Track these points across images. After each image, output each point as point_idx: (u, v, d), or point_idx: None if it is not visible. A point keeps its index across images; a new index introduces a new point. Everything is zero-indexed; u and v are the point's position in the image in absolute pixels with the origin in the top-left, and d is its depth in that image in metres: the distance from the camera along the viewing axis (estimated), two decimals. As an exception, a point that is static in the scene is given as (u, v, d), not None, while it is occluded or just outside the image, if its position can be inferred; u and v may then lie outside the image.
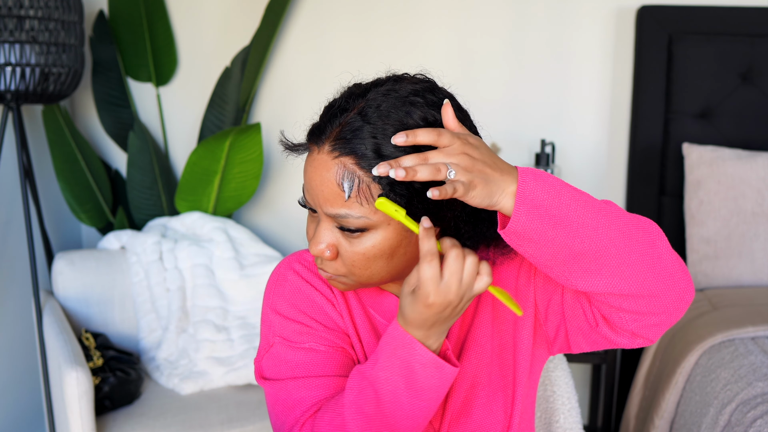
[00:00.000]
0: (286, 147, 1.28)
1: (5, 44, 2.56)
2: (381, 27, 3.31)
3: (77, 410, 2.28)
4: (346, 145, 1.15)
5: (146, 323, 2.87)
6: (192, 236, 3.03)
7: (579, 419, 1.71)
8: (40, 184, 3.12)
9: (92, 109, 3.47)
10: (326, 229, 1.21)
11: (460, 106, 1.26)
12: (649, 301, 1.18)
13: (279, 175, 3.45)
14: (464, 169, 1.09)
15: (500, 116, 3.27)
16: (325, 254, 1.22)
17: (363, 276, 1.23)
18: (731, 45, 3.01)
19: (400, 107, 1.16)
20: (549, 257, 1.15)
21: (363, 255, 1.20)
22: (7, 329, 2.94)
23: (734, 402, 2.12)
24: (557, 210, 1.11)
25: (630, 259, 1.14)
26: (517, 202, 1.10)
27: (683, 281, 1.19)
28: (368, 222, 1.17)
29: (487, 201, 1.11)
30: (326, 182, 1.17)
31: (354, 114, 1.17)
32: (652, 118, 3.09)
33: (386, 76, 1.25)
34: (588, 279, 1.16)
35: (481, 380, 1.34)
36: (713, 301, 2.70)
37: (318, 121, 1.22)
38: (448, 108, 1.16)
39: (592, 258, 1.14)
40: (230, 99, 3.24)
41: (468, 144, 1.12)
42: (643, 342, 1.25)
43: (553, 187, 1.12)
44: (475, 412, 1.34)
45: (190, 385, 2.69)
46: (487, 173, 1.10)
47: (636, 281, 1.15)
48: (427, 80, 1.25)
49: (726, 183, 2.84)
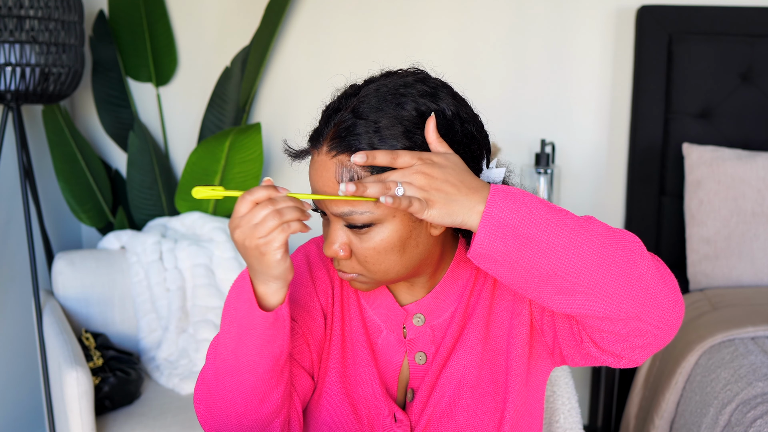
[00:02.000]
0: (290, 155, 1.29)
1: (5, 44, 2.56)
2: (381, 27, 3.31)
3: (77, 410, 2.29)
4: (342, 143, 1.17)
5: (146, 323, 2.87)
6: (192, 236, 3.03)
7: (579, 419, 1.70)
8: (40, 184, 3.12)
9: (92, 109, 3.47)
10: (337, 229, 1.23)
11: (456, 94, 1.26)
12: (630, 323, 1.15)
13: (279, 175, 3.45)
14: (418, 188, 1.11)
15: (500, 116, 3.26)
16: (339, 254, 1.23)
17: (378, 272, 1.24)
18: (731, 45, 3.01)
19: (391, 100, 1.18)
20: (519, 279, 1.15)
21: (374, 250, 1.21)
22: (7, 329, 2.94)
23: (734, 402, 2.12)
24: (524, 229, 1.10)
25: (605, 281, 1.12)
26: (481, 223, 1.10)
27: (668, 302, 1.15)
28: (373, 216, 1.18)
29: (449, 220, 1.12)
30: (328, 182, 1.19)
31: (347, 112, 1.19)
32: (652, 118, 3.10)
33: (379, 74, 1.27)
34: (562, 300, 1.15)
35: (468, 383, 1.34)
36: (713, 301, 2.70)
37: (317, 126, 1.23)
38: (431, 122, 1.17)
39: (563, 279, 1.13)
40: (230, 99, 3.24)
41: (430, 164, 1.13)
42: (628, 363, 1.23)
43: (524, 205, 1.11)
44: (459, 413, 1.33)
45: (190, 385, 2.69)
46: (447, 192, 1.11)
47: (613, 303, 1.13)
48: (418, 71, 1.26)
49: (726, 183, 2.84)
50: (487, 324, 1.35)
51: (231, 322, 1.19)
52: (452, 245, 1.36)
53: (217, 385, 1.23)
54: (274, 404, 1.25)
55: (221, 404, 1.24)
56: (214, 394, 1.24)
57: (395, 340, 1.37)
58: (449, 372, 1.34)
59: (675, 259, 3.09)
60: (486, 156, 1.27)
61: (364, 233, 1.20)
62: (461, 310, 1.36)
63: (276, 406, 1.25)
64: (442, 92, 1.23)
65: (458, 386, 1.34)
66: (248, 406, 1.23)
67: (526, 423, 1.39)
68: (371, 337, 1.38)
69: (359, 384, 1.36)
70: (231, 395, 1.22)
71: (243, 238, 1.10)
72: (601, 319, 1.16)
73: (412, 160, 1.13)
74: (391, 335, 1.37)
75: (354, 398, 1.36)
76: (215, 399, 1.24)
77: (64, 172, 3.14)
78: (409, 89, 1.20)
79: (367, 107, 1.18)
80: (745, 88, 3.02)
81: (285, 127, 3.39)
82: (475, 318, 1.35)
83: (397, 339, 1.37)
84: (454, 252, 1.36)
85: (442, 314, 1.36)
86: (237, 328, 1.18)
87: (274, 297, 1.17)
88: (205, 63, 3.43)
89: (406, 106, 1.18)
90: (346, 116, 1.18)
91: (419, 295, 1.37)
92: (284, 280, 1.16)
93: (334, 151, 1.17)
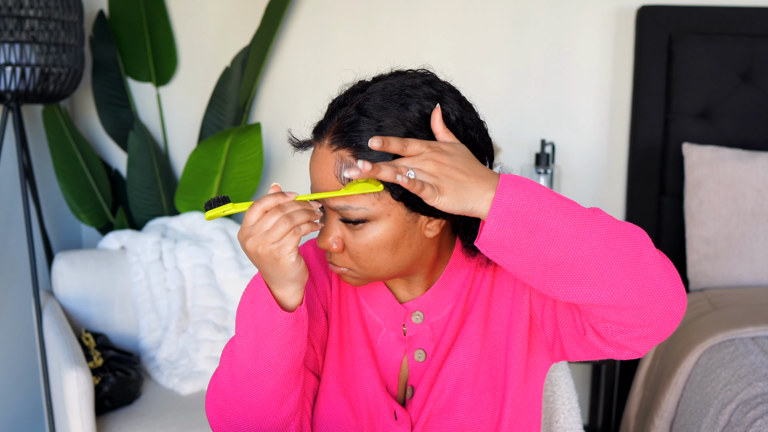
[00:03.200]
0: (293, 144, 1.31)
1: (5, 44, 2.56)
2: (381, 27, 3.31)
3: (77, 410, 2.29)
4: (343, 138, 1.18)
5: (146, 323, 2.87)
6: (192, 236, 3.03)
7: (579, 419, 1.71)
8: (40, 184, 3.12)
9: (92, 109, 3.47)
10: (332, 222, 1.24)
11: (463, 99, 1.26)
12: (634, 312, 1.16)
13: (279, 175, 3.45)
14: (429, 174, 1.12)
15: (500, 116, 3.26)
16: (332, 247, 1.24)
17: (369, 268, 1.25)
18: (731, 45, 3.01)
19: (396, 100, 1.19)
20: (526, 266, 1.15)
21: (366, 246, 1.22)
22: (7, 329, 2.94)
23: (734, 402, 2.12)
24: (534, 216, 1.11)
25: (612, 270, 1.13)
26: (491, 209, 1.11)
27: (672, 293, 1.16)
28: (368, 213, 1.19)
29: (459, 207, 1.12)
30: (326, 175, 1.20)
31: (352, 108, 1.19)
32: (652, 118, 3.09)
33: (388, 72, 1.28)
34: (568, 289, 1.15)
35: (467, 379, 1.34)
36: (713, 301, 2.70)
37: (321, 119, 1.24)
38: (437, 113, 1.18)
39: (570, 267, 1.13)
40: (230, 99, 3.24)
41: (439, 152, 1.14)
42: (631, 354, 1.24)
43: (533, 193, 1.12)
44: (458, 409, 1.34)
45: (190, 385, 2.70)
46: (458, 179, 1.12)
47: (618, 292, 1.14)
48: (427, 73, 1.26)
49: (726, 183, 2.84)
50: (485, 321, 1.36)
51: (249, 326, 1.20)
52: (450, 244, 1.36)
53: (234, 390, 1.24)
54: (292, 406, 1.27)
55: (238, 409, 1.26)
56: (231, 400, 1.25)
57: (395, 338, 1.37)
58: (448, 369, 1.34)
59: (675, 259, 3.09)
60: (489, 163, 1.28)
61: (358, 229, 1.21)
62: (460, 307, 1.36)
63: (293, 408, 1.27)
64: (449, 96, 1.23)
65: (457, 383, 1.34)
66: (267, 410, 1.24)
67: (525, 419, 1.40)
68: (370, 335, 1.39)
69: (358, 382, 1.37)
70: (249, 399, 1.24)
71: (255, 246, 1.13)
72: (607, 308, 1.16)
73: (421, 147, 1.14)
74: (390, 333, 1.38)
75: (352, 397, 1.37)
76: (231, 405, 1.25)
77: (64, 172, 3.14)
78: (416, 90, 1.20)
79: (372, 105, 1.18)
80: (745, 88, 3.02)
81: (285, 127, 3.37)
82: (473, 315, 1.35)
83: (397, 337, 1.37)
84: (452, 250, 1.37)
85: (441, 311, 1.37)
86: (256, 332, 1.19)
87: (293, 299, 1.20)
88: (205, 63, 3.43)
89: (410, 107, 1.19)
90: (351, 112, 1.19)
91: (417, 292, 1.37)
92: (301, 282, 1.18)
93: (335, 145, 1.19)
